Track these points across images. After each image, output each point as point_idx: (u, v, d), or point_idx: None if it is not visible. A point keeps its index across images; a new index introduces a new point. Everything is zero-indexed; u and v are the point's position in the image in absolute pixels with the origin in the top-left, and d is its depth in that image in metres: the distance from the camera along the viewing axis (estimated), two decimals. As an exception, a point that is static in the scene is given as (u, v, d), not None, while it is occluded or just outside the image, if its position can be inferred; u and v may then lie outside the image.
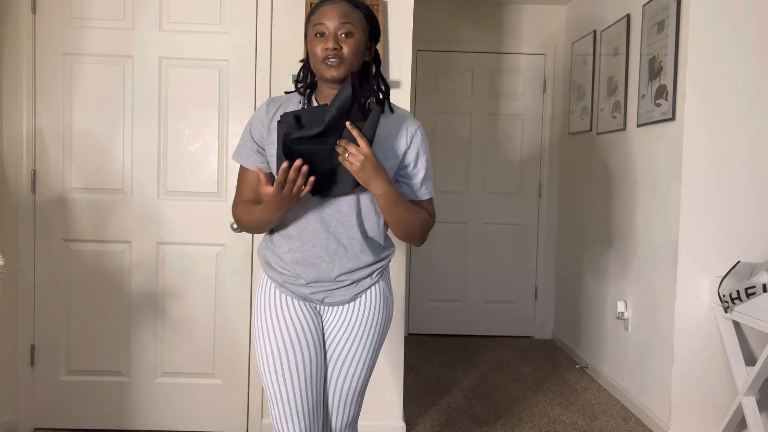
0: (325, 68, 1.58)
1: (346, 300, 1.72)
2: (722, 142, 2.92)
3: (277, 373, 1.67)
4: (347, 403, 1.79)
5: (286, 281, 1.70)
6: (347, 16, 1.58)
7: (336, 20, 1.57)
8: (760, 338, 2.91)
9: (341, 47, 1.57)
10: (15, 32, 2.78)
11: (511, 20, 4.77)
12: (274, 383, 1.68)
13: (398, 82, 2.83)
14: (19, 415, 2.86)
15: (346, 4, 1.60)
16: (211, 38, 2.83)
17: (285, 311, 1.70)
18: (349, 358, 1.74)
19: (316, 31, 1.58)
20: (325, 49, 1.56)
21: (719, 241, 2.94)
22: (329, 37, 1.57)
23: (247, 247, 2.87)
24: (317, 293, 1.70)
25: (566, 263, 4.59)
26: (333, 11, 1.58)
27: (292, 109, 1.65)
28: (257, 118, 1.68)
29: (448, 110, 4.80)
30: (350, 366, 1.75)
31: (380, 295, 1.75)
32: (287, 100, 1.70)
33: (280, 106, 1.68)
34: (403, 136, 1.67)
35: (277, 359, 1.68)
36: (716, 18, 2.89)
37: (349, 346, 1.73)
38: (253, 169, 1.68)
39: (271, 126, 1.66)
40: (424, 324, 4.85)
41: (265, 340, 1.70)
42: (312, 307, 1.74)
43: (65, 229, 2.84)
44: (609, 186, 3.80)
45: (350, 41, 1.58)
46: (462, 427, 3.13)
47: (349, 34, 1.58)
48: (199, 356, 2.90)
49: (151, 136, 2.84)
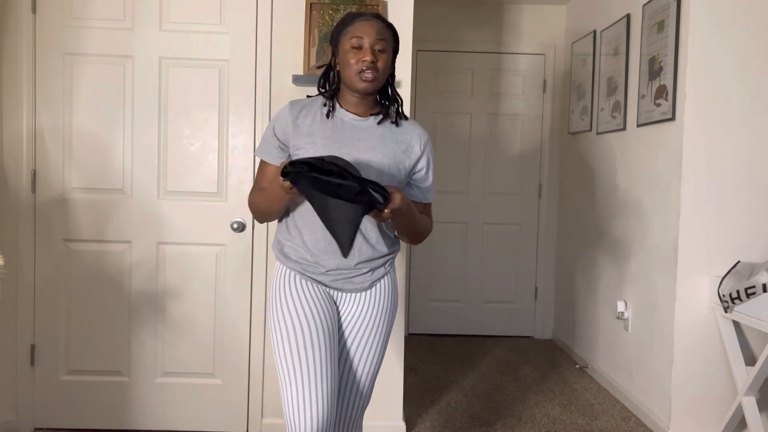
0: (359, 80, 1.69)
1: (365, 287, 1.80)
2: (722, 142, 2.92)
3: (296, 348, 1.66)
4: (360, 393, 1.83)
5: (306, 269, 1.77)
6: (382, 33, 1.71)
7: (374, 36, 1.68)
8: (760, 338, 2.91)
9: (377, 61, 1.69)
10: (15, 32, 2.78)
11: (511, 20, 4.77)
12: (292, 359, 1.65)
13: (398, 82, 2.83)
14: (19, 415, 2.86)
15: (380, 22, 1.72)
16: (211, 38, 2.83)
17: (303, 289, 1.75)
18: (367, 344, 1.80)
19: (353, 44, 1.69)
20: (363, 61, 1.67)
21: (719, 241, 2.94)
22: (367, 50, 1.68)
23: (247, 247, 2.87)
24: (337, 281, 1.77)
25: (566, 263, 4.59)
26: (371, 27, 1.69)
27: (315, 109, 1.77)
28: (281, 117, 1.77)
29: (448, 110, 4.80)
30: (366, 352, 1.81)
31: (391, 284, 1.86)
32: (310, 102, 1.80)
33: (303, 107, 1.78)
34: (417, 143, 1.80)
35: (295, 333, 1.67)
36: (716, 18, 2.89)
37: (368, 332, 1.80)
38: (276, 164, 1.79)
39: (297, 123, 1.75)
40: (424, 324, 4.85)
41: (282, 317, 1.71)
42: (329, 296, 1.79)
43: (65, 229, 2.84)
44: (609, 186, 3.80)
45: (384, 57, 1.71)
46: (462, 427, 3.13)
47: (383, 50, 1.70)
48: (199, 356, 2.90)
49: (151, 136, 2.84)
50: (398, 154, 1.75)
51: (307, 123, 1.74)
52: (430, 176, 1.84)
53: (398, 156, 1.75)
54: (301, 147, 1.72)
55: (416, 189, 1.85)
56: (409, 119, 1.84)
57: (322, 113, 1.75)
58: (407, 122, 1.82)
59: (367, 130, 1.75)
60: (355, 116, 1.76)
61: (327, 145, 1.70)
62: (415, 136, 1.80)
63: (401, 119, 1.80)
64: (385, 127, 1.77)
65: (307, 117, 1.75)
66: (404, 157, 1.77)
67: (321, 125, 1.73)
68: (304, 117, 1.75)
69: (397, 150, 1.75)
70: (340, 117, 1.76)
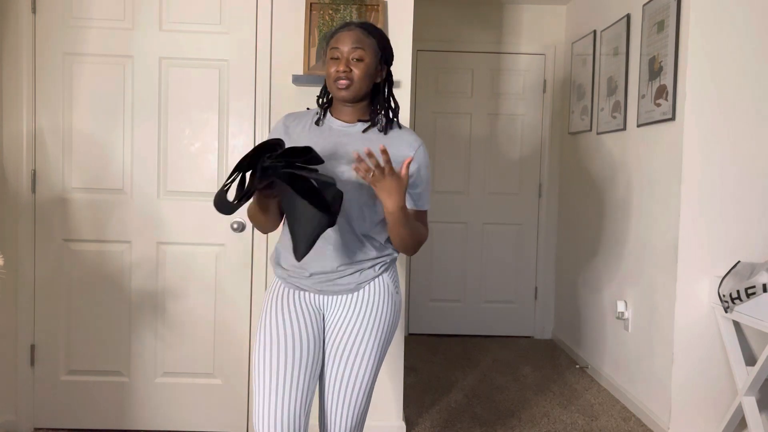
0: (336, 89, 1.73)
1: (350, 289, 1.77)
2: (722, 142, 2.92)
3: (264, 358, 1.72)
4: (347, 407, 1.75)
5: (291, 276, 1.79)
6: (360, 42, 1.73)
7: (349, 45, 1.72)
8: (760, 338, 2.91)
9: (351, 70, 1.72)
10: (15, 32, 2.78)
11: (511, 20, 4.77)
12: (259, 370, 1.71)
13: (398, 82, 2.83)
14: (19, 415, 2.86)
15: (361, 31, 1.75)
16: (211, 38, 2.83)
17: (284, 300, 1.78)
18: (354, 346, 1.74)
19: (332, 55, 1.74)
20: (337, 71, 1.71)
21: (719, 241, 2.94)
22: (341, 60, 1.72)
23: (247, 247, 2.87)
24: (321, 283, 1.77)
25: (566, 263, 4.59)
26: (347, 37, 1.73)
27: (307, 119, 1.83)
28: (276, 128, 1.85)
29: (448, 110, 4.80)
30: (354, 356, 1.74)
31: (385, 289, 1.80)
32: (305, 114, 1.85)
33: (296, 118, 1.85)
34: (407, 151, 1.77)
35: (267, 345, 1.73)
36: (716, 18, 2.89)
37: (354, 334, 1.75)
38: None
39: (289, 132, 1.80)
40: (424, 324, 4.85)
41: (261, 330, 1.76)
42: (314, 304, 1.79)
43: (65, 229, 2.84)
44: (609, 186, 3.80)
45: (360, 65, 1.72)
46: (462, 427, 3.13)
47: (360, 59, 1.72)
48: (199, 356, 2.90)
49: (151, 136, 2.84)
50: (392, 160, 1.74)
51: (297, 131, 1.80)
52: (423, 184, 1.80)
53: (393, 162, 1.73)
54: None
55: (408, 196, 1.80)
56: (404, 127, 1.82)
57: (312, 122, 1.82)
58: (399, 131, 1.80)
59: (352, 135, 1.76)
60: (343, 123, 1.79)
61: None
62: (404, 144, 1.77)
63: (391, 128, 1.79)
64: (372, 133, 1.77)
65: (298, 126, 1.81)
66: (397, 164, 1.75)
67: (309, 132, 1.79)
68: (295, 126, 1.81)
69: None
70: (329, 124, 1.80)
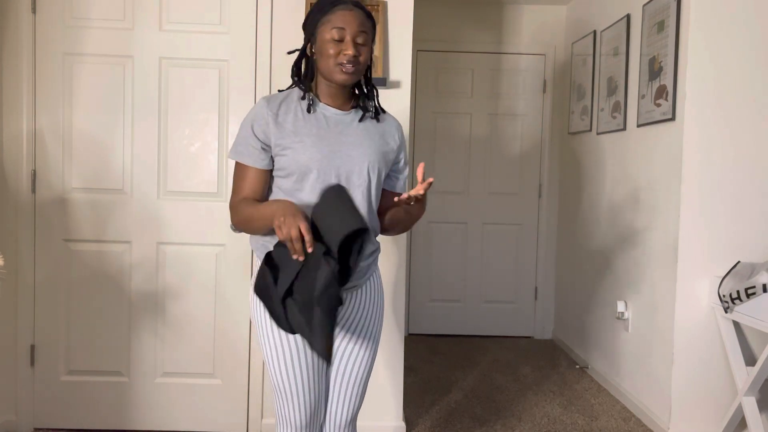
0: (339, 72, 1.63)
1: (361, 284, 1.78)
2: (722, 142, 2.92)
3: (281, 366, 1.71)
4: (352, 395, 1.82)
5: None
6: (364, 26, 1.64)
7: (356, 28, 1.62)
8: (760, 338, 2.91)
9: (360, 54, 1.63)
10: (15, 32, 2.78)
11: (511, 20, 4.77)
12: (278, 375, 1.72)
13: (398, 82, 2.83)
14: (19, 415, 2.86)
15: (362, 13, 1.66)
16: (211, 38, 2.83)
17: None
18: (356, 346, 1.79)
19: (334, 35, 1.61)
20: (345, 54, 1.61)
21: (719, 241, 2.94)
22: (348, 43, 1.61)
23: (246, 247, 2.87)
24: None
25: (566, 263, 4.59)
26: (353, 18, 1.62)
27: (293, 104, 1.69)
28: (259, 116, 1.66)
29: (448, 110, 4.80)
30: (355, 355, 1.79)
31: (378, 283, 1.86)
32: (286, 97, 1.71)
33: (280, 102, 1.69)
34: (396, 133, 1.81)
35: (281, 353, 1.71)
36: (716, 18, 2.89)
37: (360, 328, 1.79)
38: (258, 166, 1.68)
39: (278, 121, 1.66)
40: (424, 324, 4.85)
41: (269, 334, 1.73)
42: None
43: (65, 229, 2.84)
44: (609, 186, 3.80)
45: (365, 50, 1.65)
46: (462, 427, 3.13)
47: (364, 43, 1.64)
48: (199, 356, 2.90)
49: (151, 136, 2.84)
50: (382, 146, 1.75)
51: (289, 120, 1.66)
52: (406, 167, 1.86)
53: (382, 149, 1.75)
54: (289, 147, 1.64)
55: (394, 179, 1.85)
56: (384, 110, 1.84)
57: (302, 108, 1.69)
58: (384, 114, 1.81)
59: (350, 124, 1.71)
60: (337, 110, 1.71)
61: (316, 143, 1.65)
62: (393, 128, 1.80)
63: (379, 113, 1.79)
64: (367, 121, 1.75)
65: (288, 114, 1.67)
66: (388, 150, 1.77)
67: (305, 122, 1.67)
68: (284, 114, 1.66)
69: (382, 143, 1.75)
70: (322, 112, 1.70)
